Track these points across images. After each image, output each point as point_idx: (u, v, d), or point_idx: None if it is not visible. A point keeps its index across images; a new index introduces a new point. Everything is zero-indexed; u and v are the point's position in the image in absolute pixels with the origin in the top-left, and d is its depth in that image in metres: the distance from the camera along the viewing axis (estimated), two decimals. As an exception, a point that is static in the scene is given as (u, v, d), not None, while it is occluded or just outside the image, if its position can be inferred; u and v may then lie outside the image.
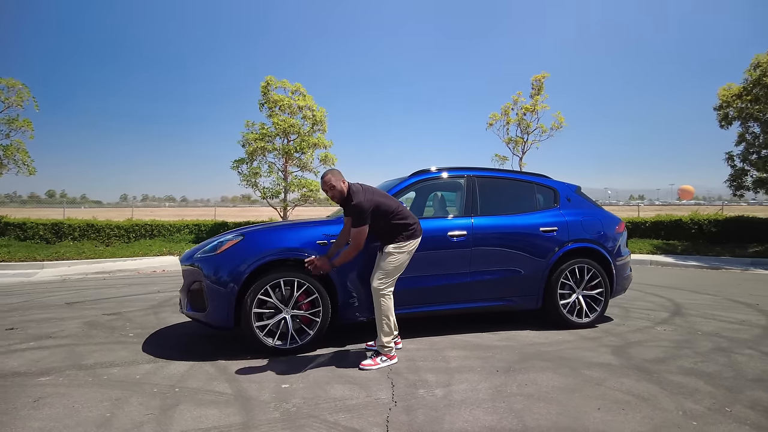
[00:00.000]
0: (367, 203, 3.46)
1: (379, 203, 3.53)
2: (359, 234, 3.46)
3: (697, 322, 4.74)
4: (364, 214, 3.44)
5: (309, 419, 2.58)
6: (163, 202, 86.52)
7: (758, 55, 12.16)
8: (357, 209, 3.44)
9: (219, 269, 3.66)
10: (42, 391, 3.04)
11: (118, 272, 10.11)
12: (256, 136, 13.91)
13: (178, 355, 3.78)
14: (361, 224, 3.45)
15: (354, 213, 3.46)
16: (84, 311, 5.67)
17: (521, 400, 2.79)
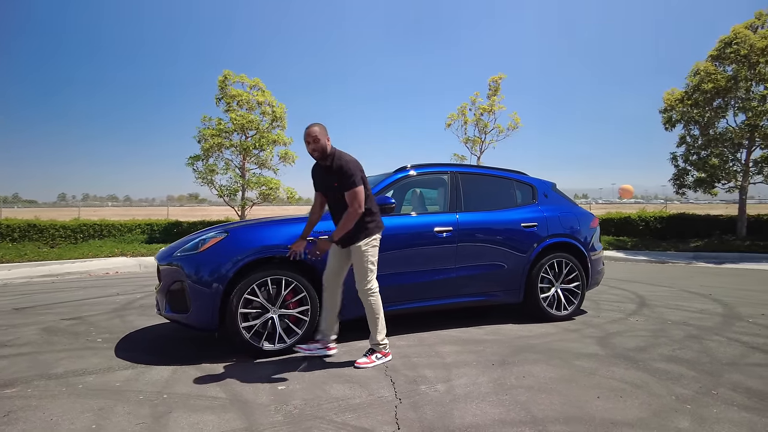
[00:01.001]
0: (357, 163, 3.25)
1: (364, 176, 3.28)
2: (357, 196, 3.17)
3: (663, 312, 5.00)
4: (357, 173, 3.18)
5: (315, 420, 2.50)
6: (106, 202, 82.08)
7: (698, 62, 13.04)
8: (348, 168, 3.17)
9: (202, 268, 3.48)
10: (11, 404, 2.78)
11: (67, 275, 9.47)
12: (213, 132, 13.45)
13: (157, 360, 3.57)
14: (356, 185, 3.17)
15: (344, 173, 3.18)
16: (38, 317, 5.25)
17: (523, 392, 2.83)
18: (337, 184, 3.26)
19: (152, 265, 10.73)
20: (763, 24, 12.36)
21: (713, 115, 12.63)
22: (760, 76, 11.81)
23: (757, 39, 11.50)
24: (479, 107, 15.71)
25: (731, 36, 12.33)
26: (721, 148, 12.44)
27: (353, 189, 3.19)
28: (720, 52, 12.52)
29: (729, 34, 12.45)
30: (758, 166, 12.23)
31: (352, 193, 3.19)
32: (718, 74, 12.15)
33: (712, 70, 12.16)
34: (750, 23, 12.49)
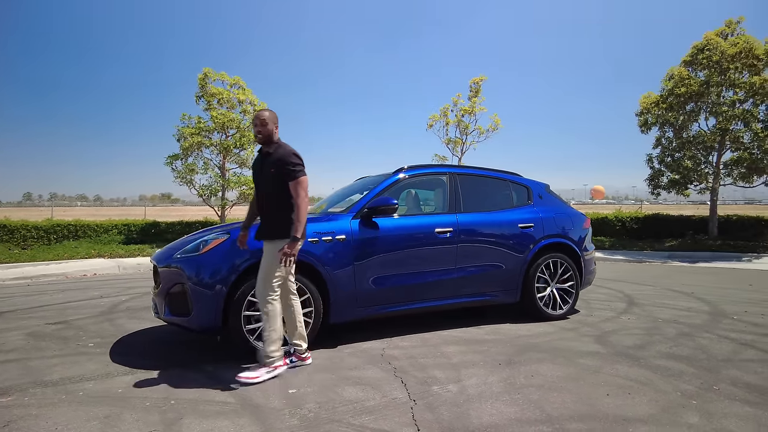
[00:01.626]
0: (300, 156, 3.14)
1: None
2: (303, 185, 3.07)
3: (653, 311, 5.14)
4: (301, 162, 3.10)
5: (333, 424, 2.48)
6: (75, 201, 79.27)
7: (672, 67, 13.46)
8: (292, 157, 3.08)
9: (204, 270, 3.40)
10: (9, 413, 2.66)
11: (43, 277, 9.11)
12: (193, 131, 13.17)
13: (155, 364, 3.48)
14: (303, 174, 3.09)
15: (287, 162, 3.07)
16: (20, 321, 5.05)
17: (534, 391, 2.87)
18: (273, 170, 3.10)
19: (131, 266, 10.47)
20: (732, 32, 12.84)
21: (686, 119, 13.06)
22: (729, 82, 12.27)
23: (727, 46, 11.95)
24: (461, 108, 15.85)
25: (703, 42, 12.77)
26: (694, 151, 12.87)
27: (299, 178, 3.08)
28: (693, 57, 12.96)
29: (701, 40, 12.90)
30: (728, 168, 12.69)
31: (297, 183, 3.07)
32: (692, 79, 12.57)
33: (686, 75, 12.58)
34: (720, 30, 12.96)
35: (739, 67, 11.91)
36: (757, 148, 11.90)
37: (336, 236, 3.77)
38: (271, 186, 3.15)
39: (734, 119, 12.28)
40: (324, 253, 3.70)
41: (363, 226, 3.88)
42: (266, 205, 3.22)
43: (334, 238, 3.75)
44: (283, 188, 3.11)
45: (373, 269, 3.86)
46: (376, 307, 3.92)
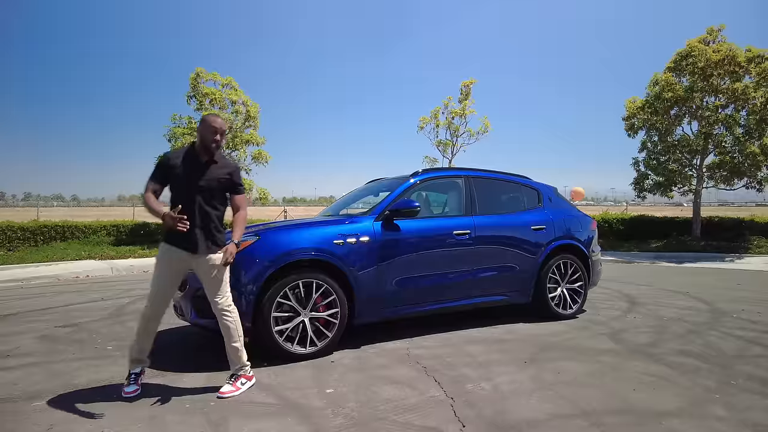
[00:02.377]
0: None
1: None
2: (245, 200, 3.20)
3: (656, 310, 5.32)
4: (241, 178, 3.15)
5: (378, 422, 2.54)
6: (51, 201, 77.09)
7: (656, 73, 13.86)
8: (238, 173, 3.11)
9: (236, 272, 3.42)
10: (49, 417, 2.65)
11: (34, 279, 8.92)
12: (185, 131, 13.02)
13: (182, 367, 3.48)
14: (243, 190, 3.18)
15: (238, 177, 3.10)
16: (26, 324, 4.96)
17: (565, 388, 2.97)
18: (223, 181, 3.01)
19: (124, 268, 10.32)
20: (714, 39, 13.28)
21: (670, 123, 13.46)
22: (713, 88, 12.69)
23: (712, 53, 12.36)
24: (451, 111, 16.02)
25: (687, 49, 13.18)
26: (678, 155, 13.28)
27: (243, 194, 3.19)
28: (676, 64, 13.36)
29: (684, 47, 13.31)
30: (711, 171, 13.12)
31: (243, 197, 3.18)
32: (677, 85, 12.97)
33: (672, 81, 12.97)
34: (702, 38, 13.39)
35: (722, 73, 12.33)
36: (739, 152, 12.34)
37: (360, 238, 3.82)
38: (215, 195, 3.02)
39: (717, 124, 12.71)
40: (348, 254, 3.75)
41: (385, 228, 3.95)
42: (204, 214, 2.97)
43: (358, 240, 3.81)
44: (223, 199, 3.09)
45: (395, 270, 3.93)
46: (398, 308, 3.99)
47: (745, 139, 12.29)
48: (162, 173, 2.95)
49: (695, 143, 12.70)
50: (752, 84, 12.16)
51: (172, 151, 3.04)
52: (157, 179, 2.94)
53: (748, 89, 11.99)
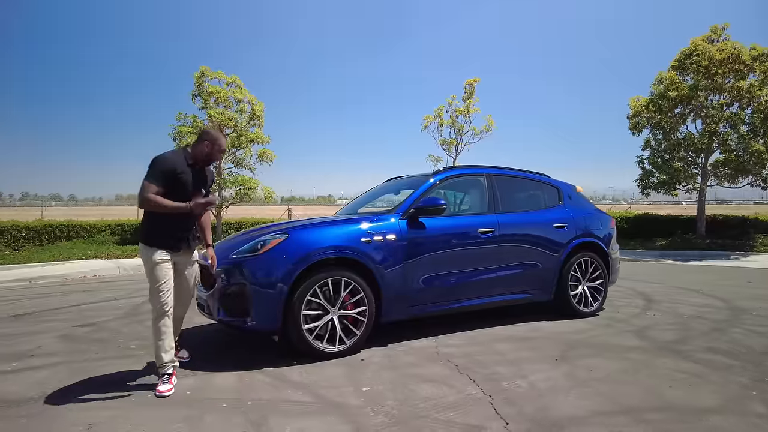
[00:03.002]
0: None
1: None
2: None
3: (673, 307, 5.33)
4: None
5: (420, 420, 2.53)
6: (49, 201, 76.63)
7: (661, 72, 13.89)
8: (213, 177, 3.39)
9: (265, 270, 3.41)
10: (85, 416, 2.63)
11: (41, 279, 8.87)
12: (190, 129, 12.97)
13: (211, 366, 3.46)
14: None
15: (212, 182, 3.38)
16: (42, 324, 4.93)
17: (600, 384, 2.97)
18: (209, 186, 3.29)
19: (131, 267, 10.27)
20: (718, 38, 13.31)
21: (675, 121, 13.49)
22: (717, 86, 12.73)
23: (716, 51, 12.39)
24: (455, 110, 16.01)
25: (691, 48, 13.21)
26: (684, 153, 13.31)
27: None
28: (680, 62, 13.39)
29: (688, 46, 13.35)
30: (716, 169, 13.15)
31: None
32: (682, 83, 13.00)
33: (677, 80, 12.99)
34: (706, 36, 13.42)
35: (726, 71, 12.36)
36: (743, 150, 12.37)
37: (386, 236, 3.81)
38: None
39: (721, 122, 12.74)
40: (375, 252, 3.74)
41: (411, 226, 3.94)
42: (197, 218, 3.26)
43: (385, 238, 3.80)
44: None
45: (421, 268, 3.92)
46: (424, 306, 3.98)
47: (749, 137, 12.32)
48: (167, 179, 2.97)
49: (700, 141, 12.72)
50: (757, 82, 12.19)
51: (169, 156, 3.02)
52: (160, 183, 2.95)
53: (753, 87, 12.03)
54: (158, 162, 2.96)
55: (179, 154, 3.10)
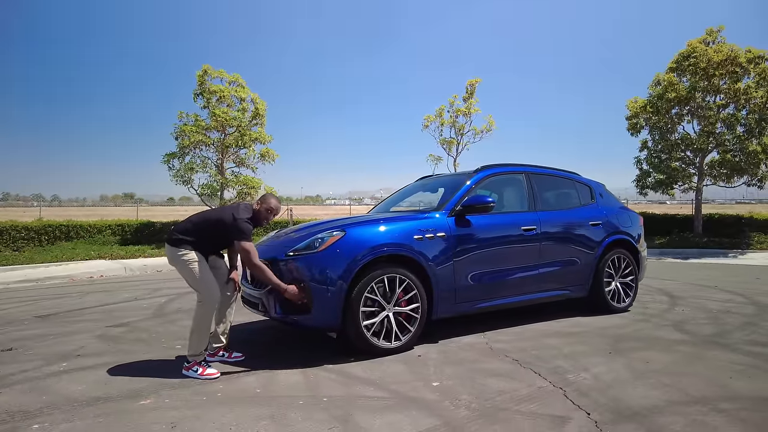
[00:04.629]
0: None
1: None
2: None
3: (698, 302, 5.46)
4: None
5: (503, 412, 2.57)
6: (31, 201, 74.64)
7: (658, 73, 14.18)
8: None
9: (326, 267, 3.41)
10: (164, 415, 2.61)
11: (47, 280, 8.71)
12: (194, 128, 12.83)
13: (269, 364, 3.46)
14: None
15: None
16: (72, 325, 4.85)
17: (662, 376, 3.05)
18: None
19: (137, 268, 10.13)
20: (714, 40, 13.63)
21: (671, 122, 13.77)
22: (714, 88, 13.03)
23: (713, 54, 12.68)
24: (456, 109, 16.11)
25: (688, 50, 13.50)
26: (680, 153, 13.60)
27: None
28: (678, 64, 13.67)
29: (686, 48, 13.63)
30: (713, 169, 13.44)
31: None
32: (680, 85, 13.28)
33: (675, 81, 13.27)
34: (703, 39, 13.73)
35: (723, 73, 12.66)
36: (740, 150, 12.68)
37: (437, 233, 3.85)
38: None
39: (718, 123, 13.05)
40: (427, 249, 3.77)
41: (459, 224, 3.98)
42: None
43: (436, 235, 3.83)
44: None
45: (470, 265, 3.96)
46: (472, 303, 4.02)
47: (745, 138, 12.63)
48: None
49: (698, 142, 13.00)
50: (753, 84, 12.51)
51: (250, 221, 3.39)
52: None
53: (750, 89, 12.34)
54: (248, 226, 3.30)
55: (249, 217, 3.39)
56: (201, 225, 3.37)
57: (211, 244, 3.40)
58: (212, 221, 3.37)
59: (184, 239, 3.31)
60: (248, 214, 3.36)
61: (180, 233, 3.34)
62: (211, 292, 3.30)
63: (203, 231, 3.35)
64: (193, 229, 3.35)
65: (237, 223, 3.24)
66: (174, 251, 3.32)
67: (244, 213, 3.32)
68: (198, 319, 3.27)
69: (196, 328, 3.27)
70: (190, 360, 3.27)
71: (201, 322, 3.27)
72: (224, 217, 3.32)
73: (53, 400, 2.84)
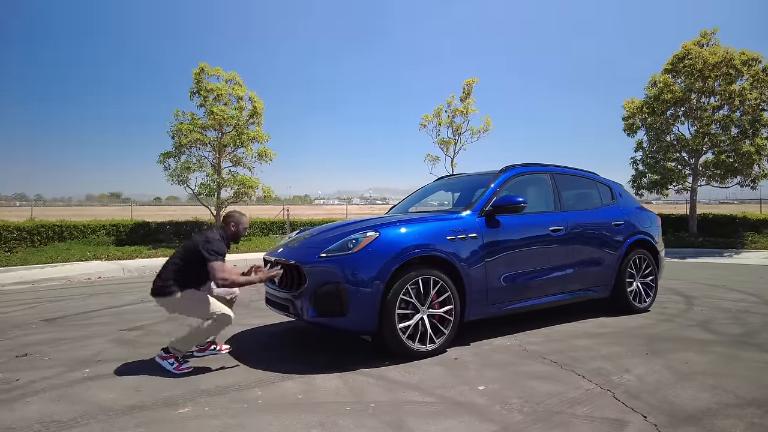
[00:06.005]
0: None
1: None
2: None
3: (713, 302, 5.49)
4: None
5: (558, 416, 2.52)
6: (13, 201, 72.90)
7: (655, 74, 14.33)
8: None
9: (362, 268, 3.33)
10: (206, 424, 2.51)
11: (44, 282, 8.47)
12: (191, 127, 12.61)
13: (304, 368, 3.37)
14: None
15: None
16: (85, 329, 4.70)
17: (705, 378, 3.03)
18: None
19: (135, 269, 9.93)
20: (708, 42, 13.82)
21: (667, 123, 13.93)
22: (709, 89, 13.21)
23: (709, 55, 12.85)
24: (453, 109, 16.11)
25: (683, 51, 13.67)
26: (678, 154, 13.76)
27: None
28: (673, 66, 13.84)
29: (680, 50, 13.81)
30: (708, 169, 13.63)
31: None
32: (675, 86, 13.44)
33: (670, 83, 13.43)
34: (697, 41, 13.91)
35: (718, 75, 12.83)
36: (733, 151, 12.87)
37: (469, 234, 3.79)
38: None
39: (713, 124, 13.23)
40: (460, 250, 3.71)
41: (489, 224, 3.93)
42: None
43: (468, 236, 3.78)
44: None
45: (501, 267, 3.91)
46: (502, 305, 3.98)
47: (739, 139, 12.82)
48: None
49: (694, 142, 13.16)
50: (748, 85, 12.71)
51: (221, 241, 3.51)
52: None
53: (745, 90, 12.53)
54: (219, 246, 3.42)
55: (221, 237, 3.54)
56: (178, 264, 3.46)
57: (196, 275, 3.46)
58: (184, 256, 3.47)
59: (169, 286, 3.39)
60: (217, 236, 3.48)
61: (164, 281, 3.41)
62: (224, 312, 3.40)
63: (183, 267, 3.44)
64: (174, 271, 3.43)
65: (210, 247, 3.36)
66: (167, 300, 3.40)
67: (212, 236, 3.45)
68: (205, 330, 3.38)
69: (196, 335, 3.39)
70: (170, 351, 3.39)
71: (206, 332, 3.40)
72: (194, 246, 3.42)
73: (86, 409, 2.72)
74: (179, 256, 3.50)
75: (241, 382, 3.12)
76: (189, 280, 3.45)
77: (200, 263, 3.39)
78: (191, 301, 3.42)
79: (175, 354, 3.39)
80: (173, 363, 3.35)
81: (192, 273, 3.44)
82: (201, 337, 3.45)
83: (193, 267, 3.43)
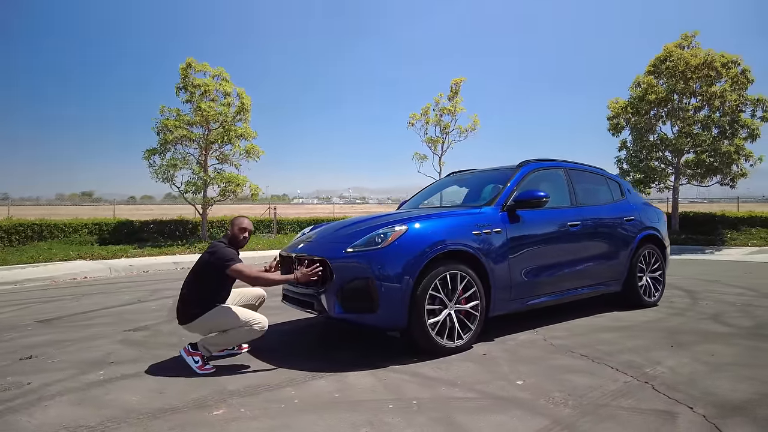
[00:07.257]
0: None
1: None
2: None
3: (716, 296, 5.60)
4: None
5: (604, 408, 2.51)
6: (-22, 200, 69.91)
7: (639, 75, 14.65)
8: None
9: (391, 264, 3.26)
10: (247, 426, 2.41)
11: (27, 282, 8.12)
12: (176, 123, 12.29)
13: (330, 366, 3.29)
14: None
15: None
16: (87, 330, 4.51)
17: (738, 369, 3.06)
18: None
19: (122, 268, 9.62)
20: (689, 44, 14.19)
21: (650, 123, 14.25)
22: (691, 90, 13.57)
23: (691, 57, 13.19)
24: (441, 108, 16.14)
25: (664, 54, 14.01)
26: (661, 154, 14.09)
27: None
28: (655, 67, 14.17)
29: (662, 52, 14.14)
30: (690, 169, 13.98)
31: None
32: (659, 87, 13.75)
33: (654, 84, 13.73)
34: (678, 43, 14.27)
35: (699, 77, 13.18)
36: (713, 151, 13.24)
37: (493, 229, 3.76)
38: None
39: (694, 124, 13.58)
40: (485, 245, 3.68)
41: (512, 219, 3.91)
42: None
43: (492, 231, 3.75)
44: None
45: (524, 261, 3.90)
46: (524, 300, 3.96)
47: (718, 139, 13.20)
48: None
49: (678, 142, 13.47)
50: (729, 87, 13.09)
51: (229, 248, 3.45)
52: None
53: (725, 92, 12.90)
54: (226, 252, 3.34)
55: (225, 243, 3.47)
56: (194, 284, 3.37)
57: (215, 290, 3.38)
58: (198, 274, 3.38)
59: (190, 309, 3.33)
60: (220, 244, 3.40)
61: (184, 305, 3.37)
62: (258, 321, 3.31)
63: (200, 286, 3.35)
64: (191, 291, 3.37)
65: (216, 255, 3.30)
66: (195, 325, 3.33)
67: (218, 245, 3.39)
68: (239, 335, 3.30)
69: (230, 339, 3.33)
70: (197, 349, 3.30)
71: (239, 338, 3.35)
72: (203, 261, 3.37)
73: (113, 414, 2.58)
74: (192, 275, 3.42)
75: (270, 382, 3.01)
76: (210, 298, 3.35)
77: (215, 278, 3.32)
78: (219, 316, 3.30)
79: (202, 353, 3.28)
80: (198, 361, 3.24)
81: (209, 289, 3.36)
82: (234, 342, 3.42)
83: (208, 283, 3.35)
